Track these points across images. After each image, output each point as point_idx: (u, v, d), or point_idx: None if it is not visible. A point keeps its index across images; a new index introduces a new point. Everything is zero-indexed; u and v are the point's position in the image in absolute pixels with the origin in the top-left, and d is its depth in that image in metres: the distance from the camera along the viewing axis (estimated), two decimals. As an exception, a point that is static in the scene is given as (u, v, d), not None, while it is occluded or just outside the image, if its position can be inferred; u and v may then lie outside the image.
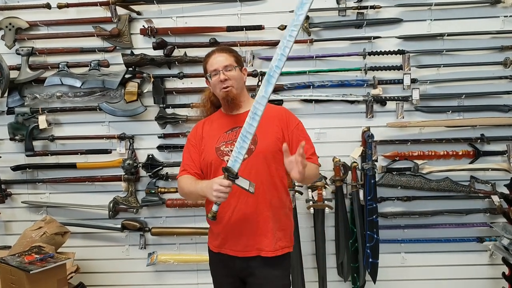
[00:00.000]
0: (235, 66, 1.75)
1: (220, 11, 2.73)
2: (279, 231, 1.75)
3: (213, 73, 1.74)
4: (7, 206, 2.91)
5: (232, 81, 1.73)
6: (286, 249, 1.77)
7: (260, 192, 1.68)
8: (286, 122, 1.78)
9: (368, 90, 2.69)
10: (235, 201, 1.69)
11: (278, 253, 1.73)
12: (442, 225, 2.75)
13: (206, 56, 1.82)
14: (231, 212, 1.71)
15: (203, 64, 1.82)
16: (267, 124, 1.73)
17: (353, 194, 2.70)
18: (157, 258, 2.81)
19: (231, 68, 1.73)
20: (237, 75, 1.75)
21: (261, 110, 1.51)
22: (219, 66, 1.72)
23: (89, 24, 2.75)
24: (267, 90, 1.50)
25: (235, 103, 1.76)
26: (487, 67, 2.65)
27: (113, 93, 2.75)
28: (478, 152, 2.69)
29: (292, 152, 1.67)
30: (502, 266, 2.62)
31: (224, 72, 1.72)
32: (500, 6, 2.63)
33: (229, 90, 1.73)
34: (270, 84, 1.50)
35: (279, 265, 1.75)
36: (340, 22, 2.66)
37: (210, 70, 1.75)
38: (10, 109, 2.80)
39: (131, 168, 2.73)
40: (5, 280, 2.29)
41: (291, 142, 1.74)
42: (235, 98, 1.75)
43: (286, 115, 1.81)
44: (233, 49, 1.85)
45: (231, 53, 1.79)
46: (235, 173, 1.53)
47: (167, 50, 2.67)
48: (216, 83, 1.73)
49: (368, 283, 2.72)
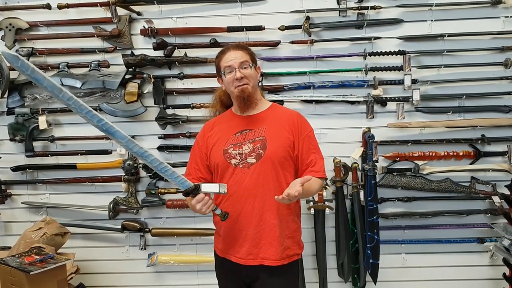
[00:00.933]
0: (251, 64, 1.70)
1: (220, 11, 2.72)
2: (288, 239, 1.71)
3: (228, 70, 1.68)
4: (7, 207, 2.90)
5: (248, 79, 1.68)
6: (294, 256, 1.74)
7: (267, 199, 1.65)
8: (298, 128, 1.73)
9: (369, 90, 2.69)
10: (241, 206, 1.67)
11: (285, 262, 1.69)
12: (442, 226, 2.75)
13: (219, 53, 1.75)
14: (236, 216, 1.67)
15: (216, 61, 1.76)
16: (278, 128, 1.70)
17: (353, 195, 2.70)
18: (157, 259, 2.80)
19: (246, 66, 1.68)
20: (253, 73, 1.70)
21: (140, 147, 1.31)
22: (235, 63, 1.66)
23: (89, 24, 2.75)
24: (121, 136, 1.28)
25: (251, 101, 1.71)
26: (488, 68, 2.65)
27: (113, 94, 2.75)
28: (479, 152, 2.68)
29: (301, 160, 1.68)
30: (503, 267, 2.62)
31: (240, 70, 1.66)
32: (501, 6, 2.62)
33: (245, 88, 1.67)
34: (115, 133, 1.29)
35: (286, 273, 1.71)
36: (340, 23, 2.66)
37: (225, 66, 1.69)
38: (10, 109, 2.80)
39: (131, 168, 2.73)
40: (5, 281, 2.28)
41: (301, 151, 1.71)
42: (251, 95, 1.70)
43: (299, 121, 1.76)
44: (248, 47, 1.79)
45: (246, 50, 1.73)
46: (192, 188, 1.47)
47: (167, 50, 2.67)
48: (231, 80, 1.67)
49: (368, 284, 2.71)
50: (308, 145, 1.72)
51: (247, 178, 1.65)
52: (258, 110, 1.76)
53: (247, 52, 1.73)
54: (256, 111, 1.75)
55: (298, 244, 1.77)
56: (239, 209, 1.67)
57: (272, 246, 1.67)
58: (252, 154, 1.67)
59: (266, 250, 1.67)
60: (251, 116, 1.75)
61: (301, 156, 1.71)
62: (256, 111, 1.75)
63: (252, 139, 1.69)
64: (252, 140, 1.69)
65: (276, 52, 2.70)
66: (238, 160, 1.67)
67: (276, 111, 1.78)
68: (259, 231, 1.67)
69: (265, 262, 1.66)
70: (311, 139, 1.75)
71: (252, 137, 1.69)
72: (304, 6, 2.66)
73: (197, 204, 1.50)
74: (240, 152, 1.68)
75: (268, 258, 1.67)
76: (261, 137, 1.69)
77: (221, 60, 1.72)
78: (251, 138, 1.69)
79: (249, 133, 1.70)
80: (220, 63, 1.72)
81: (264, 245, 1.67)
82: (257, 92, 1.78)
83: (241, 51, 1.70)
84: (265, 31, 2.67)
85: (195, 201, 1.50)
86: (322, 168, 1.73)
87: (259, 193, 1.66)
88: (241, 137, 1.71)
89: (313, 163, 1.71)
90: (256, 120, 1.74)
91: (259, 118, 1.74)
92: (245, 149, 1.68)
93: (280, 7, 2.68)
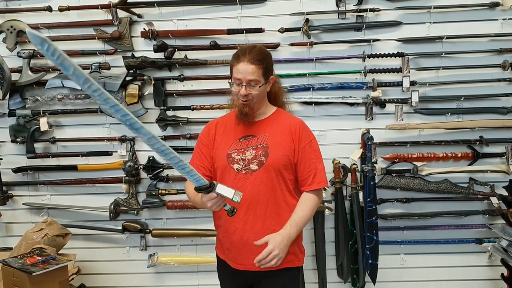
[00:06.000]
0: (260, 83, 1.65)
1: (220, 14, 2.74)
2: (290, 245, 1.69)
3: (237, 82, 1.65)
4: (8, 208, 2.92)
5: (253, 97, 1.66)
6: (296, 262, 1.75)
7: (269, 206, 1.65)
8: (299, 136, 1.72)
9: (368, 92, 2.71)
10: (243, 212, 1.66)
11: (287, 266, 1.70)
12: (441, 227, 2.76)
13: (235, 57, 1.68)
14: (237, 223, 1.68)
15: (231, 64, 1.70)
16: (281, 135, 1.71)
17: (352, 196, 2.72)
18: (158, 260, 2.82)
19: (255, 84, 1.64)
20: (259, 92, 1.66)
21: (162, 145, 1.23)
22: (244, 79, 1.63)
23: (90, 27, 2.76)
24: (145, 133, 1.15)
25: (248, 116, 1.69)
26: (486, 70, 2.66)
27: (114, 96, 2.76)
28: (477, 154, 2.70)
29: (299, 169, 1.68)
30: (501, 268, 2.64)
31: (246, 88, 1.63)
32: (498, 9, 2.64)
33: (247, 104, 1.67)
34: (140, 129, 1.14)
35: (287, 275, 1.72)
36: (339, 25, 2.67)
37: (234, 77, 1.66)
38: (11, 111, 2.81)
39: (132, 170, 2.74)
40: (7, 282, 2.29)
41: (300, 160, 1.70)
42: (249, 113, 1.69)
43: (301, 129, 1.74)
44: (265, 56, 1.68)
45: (261, 64, 1.64)
46: (207, 186, 1.42)
47: (167, 52, 2.68)
48: (236, 93, 1.67)
49: (367, 284, 2.73)
50: (309, 154, 1.71)
51: (249, 185, 1.66)
52: (263, 116, 1.76)
53: (260, 66, 1.64)
54: (260, 117, 1.76)
55: (299, 249, 1.79)
56: (241, 215, 1.67)
57: None
58: (254, 161, 1.67)
59: None
60: (255, 122, 1.75)
61: (300, 166, 1.71)
62: (260, 118, 1.76)
63: (255, 146, 1.70)
64: (255, 147, 1.70)
65: (275, 54, 2.71)
66: (241, 166, 1.68)
67: (280, 118, 1.77)
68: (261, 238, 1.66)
69: (266, 268, 1.66)
70: (312, 148, 1.73)
71: (255, 143, 1.70)
72: (304, 8, 2.68)
73: (209, 202, 1.48)
74: (243, 158, 1.69)
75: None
76: (264, 144, 1.69)
77: (234, 67, 1.67)
78: (254, 144, 1.70)
79: (252, 140, 1.71)
80: (232, 68, 1.68)
81: None
82: (263, 102, 1.75)
83: (254, 65, 1.62)
84: (265, 33, 2.69)
85: (207, 198, 1.47)
86: (323, 178, 1.71)
87: (261, 200, 1.66)
88: (245, 143, 1.71)
89: (312, 173, 1.69)
90: (259, 126, 1.74)
91: (263, 125, 1.74)
92: (248, 155, 1.69)
93: (280, 9, 2.69)
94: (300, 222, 1.65)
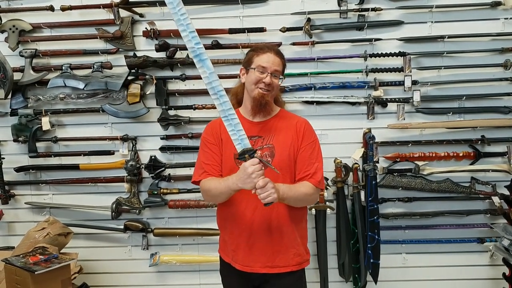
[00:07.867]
0: (281, 76, 1.71)
1: (222, 13, 2.74)
2: (298, 246, 1.74)
3: (261, 69, 1.66)
4: (10, 207, 2.92)
5: (273, 88, 1.69)
6: (304, 263, 1.77)
7: (275, 206, 1.62)
8: (302, 135, 1.73)
9: (369, 91, 2.71)
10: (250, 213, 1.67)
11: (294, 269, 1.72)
12: (442, 226, 2.76)
13: (258, 48, 1.72)
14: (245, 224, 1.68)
15: (250, 54, 1.72)
16: (285, 135, 1.71)
17: (354, 195, 2.72)
18: (160, 259, 2.82)
19: (277, 76, 1.68)
20: (279, 85, 1.72)
21: (219, 84, 1.43)
22: (270, 67, 1.65)
23: (92, 26, 2.77)
24: (208, 66, 1.43)
25: (265, 107, 1.70)
26: (488, 69, 2.66)
27: (116, 95, 2.77)
28: (479, 153, 2.70)
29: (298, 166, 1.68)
30: (503, 267, 2.64)
31: (271, 76, 1.66)
32: (500, 8, 2.64)
33: (266, 94, 1.67)
34: (205, 60, 1.44)
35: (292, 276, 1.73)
36: (341, 24, 2.68)
37: (259, 65, 1.66)
38: (13, 110, 2.82)
39: (134, 169, 2.74)
40: (10, 280, 2.30)
41: (300, 158, 1.70)
42: (267, 104, 1.70)
43: (305, 128, 1.75)
44: (283, 56, 1.76)
45: (283, 60, 1.73)
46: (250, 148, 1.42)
47: (169, 52, 2.68)
48: (258, 80, 1.66)
49: (369, 283, 2.73)
50: (309, 154, 1.71)
51: None
52: (268, 116, 1.76)
53: (283, 62, 1.72)
54: (265, 117, 1.75)
55: (305, 250, 1.80)
56: (248, 216, 1.67)
57: (280, 253, 1.69)
58: None
59: (275, 258, 1.68)
60: (261, 122, 1.75)
61: (299, 164, 1.70)
62: (266, 118, 1.75)
63: (261, 146, 1.70)
64: (260, 147, 1.70)
65: (277, 54, 2.72)
66: None
67: (284, 118, 1.78)
68: (269, 240, 1.68)
69: (274, 270, 1.68)
70: (313, 149, 1.73)
71: (261, 144, 1.71)
72: (305, 8, 2.68)
73: (250, 167, 1.45)
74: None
75: (276, 266, 1.69)
76: (269, 144, 1.70)
77: (257, 56, 1.68)
78: (260, 145, 1.71)
79: (258, 140, 1.71)
80: (254, 58, 1.69)
81: (273, 253, 1.68)
82: (272, 98, 1.78)
83: (280, 59, 1.70)
84: (267, 33, 2.69)
85: (249, 163, 1.45)
86: (319, 179, 1.71)
87: None
88: (251, 144, 1.69)
89: (310, 174, 1.69)
90: (265, 127, 1.74)
91: (268, 125, 1.75)
92: None
93: (281, 9, 2.70)
94: (291, 194, 1.60)
